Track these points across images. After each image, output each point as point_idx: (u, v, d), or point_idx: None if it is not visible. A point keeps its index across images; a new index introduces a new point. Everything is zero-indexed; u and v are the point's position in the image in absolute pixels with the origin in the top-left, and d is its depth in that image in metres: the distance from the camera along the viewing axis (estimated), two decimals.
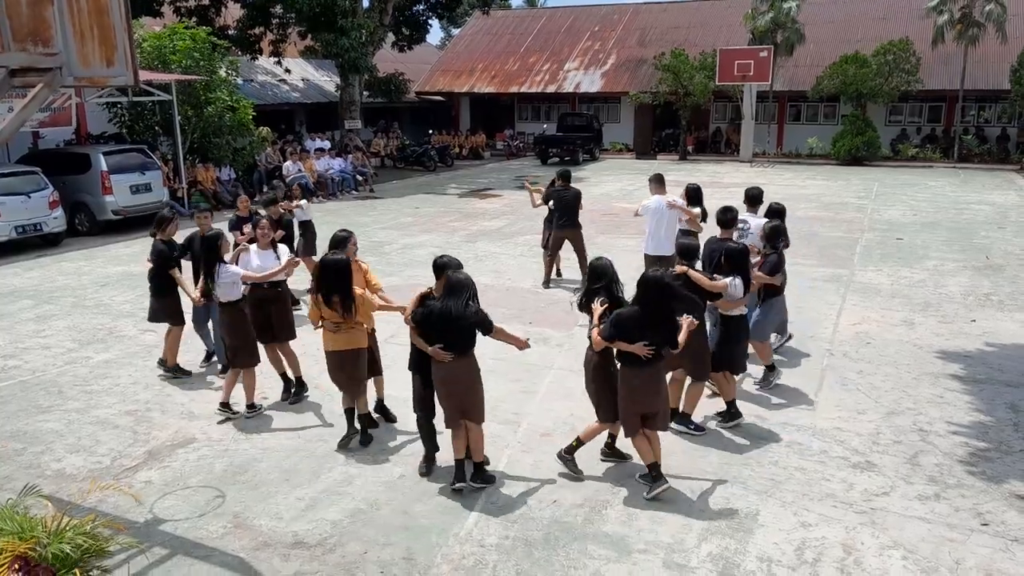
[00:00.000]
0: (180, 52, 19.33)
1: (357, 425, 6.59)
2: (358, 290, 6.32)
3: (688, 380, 6.74)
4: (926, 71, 28.30)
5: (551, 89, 35.74)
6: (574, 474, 5.97)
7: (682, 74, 29.70)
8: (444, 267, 5.86)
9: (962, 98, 28.43)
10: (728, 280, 6.53)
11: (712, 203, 9.00)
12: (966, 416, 7.04)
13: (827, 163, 29.11)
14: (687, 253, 6.73)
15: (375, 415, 6.92)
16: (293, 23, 28.20)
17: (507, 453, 6.40)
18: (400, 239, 15.57)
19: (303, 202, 11.12)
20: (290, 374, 7.59)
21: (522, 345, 5.90)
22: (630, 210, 11.39)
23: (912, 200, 20.00)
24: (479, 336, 5.71)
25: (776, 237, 7.45)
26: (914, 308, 10.39)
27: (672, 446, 6.46)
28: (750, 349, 7.28)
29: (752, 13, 30.11)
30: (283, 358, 7.58)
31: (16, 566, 4.12)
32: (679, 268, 6.53)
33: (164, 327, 8.28)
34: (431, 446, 6.13)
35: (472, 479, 5.81)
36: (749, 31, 30.44)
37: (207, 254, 7.18)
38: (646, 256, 9.83)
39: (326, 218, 17.69)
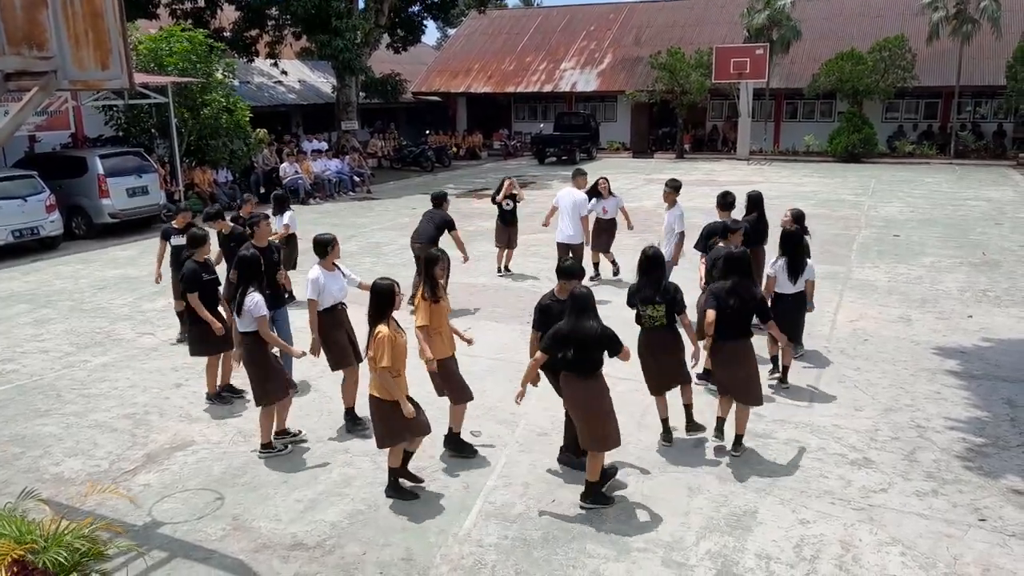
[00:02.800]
0: (176, 54, 19.31)
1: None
2: (379, 328, 5.47)
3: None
4: (922, 67, 28.33)
5: (548, 88, 35.75)
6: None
7: (678, 72, 29.70)
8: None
9: (958, 94, 28.44)
10: (766, 270, 7.71)
11: (712, 201, 9.17)
12: (963, 412, 7.05)
13: (824, 160, 29.13)
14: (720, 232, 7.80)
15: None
16: (288, 25, 28.17)
17: (505, 453, 6.40)
18: (398, 240, 15.55)
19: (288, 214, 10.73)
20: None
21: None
22: (637, 209, 11.64)
23: (909, 196, 20.03)
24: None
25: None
26: (911, 304, 10.41)
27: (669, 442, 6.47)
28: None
29: (748, 11, 30.14)
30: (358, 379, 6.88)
31: (14, 570, 4.12)
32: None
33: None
34: None
35: None
36: (745, 28, 30.47)
37: (247, 271, 6.31)
38: (563, 245, 10.83)
39: (324, 219, 17.73)
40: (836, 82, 28.40)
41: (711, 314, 6.08)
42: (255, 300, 6.19)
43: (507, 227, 12.27)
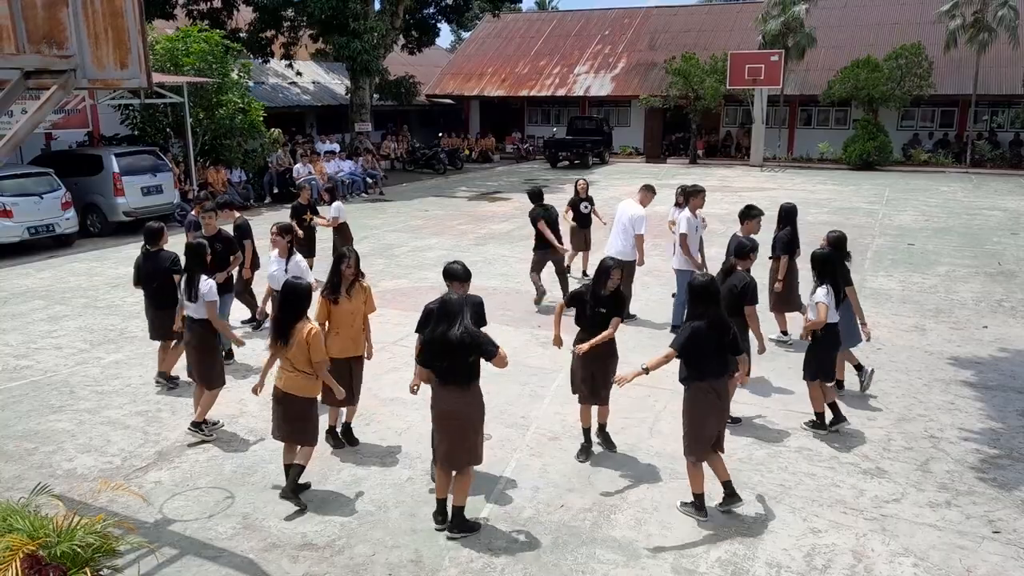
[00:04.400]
0: (193, 54, 19.45)
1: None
2: (312, 325, 5.57)
3: None
4: (938, 76, 28.16)
5: (561, 92, 35.75)
6: None
7: (693, 78, 29.67)
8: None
9: (975, 103, 28.27)
10: (819, 299, 6.59)
11: (724, 207, 9.05)
12: (977, 423, 7.00)
13: (838, 168, 29.00)
14: (740, 251, 7.01)
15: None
16: (304, 26, 28.32)
17: (515, 457, 6.39)
18: (410, 241, 15.60)
19: (336, 203, 11.94)
20: None
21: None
22: (651, 215, 11.33)
23: (924, 205, 19.90)
24: None
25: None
26: (925, 314, 10.33)
27: (680, 450, 6.44)
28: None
29: (763, 17, 30.07)
30: None
31: (27, 564, 4.15)
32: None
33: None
34: None
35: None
36: (760, 35, 30.39)
37: (191, 261, 6.76)
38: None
39: None
40: (851, 89, 28.26)
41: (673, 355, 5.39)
42: (209, 285, 6.61)
43: (583, 230, 11.99)
